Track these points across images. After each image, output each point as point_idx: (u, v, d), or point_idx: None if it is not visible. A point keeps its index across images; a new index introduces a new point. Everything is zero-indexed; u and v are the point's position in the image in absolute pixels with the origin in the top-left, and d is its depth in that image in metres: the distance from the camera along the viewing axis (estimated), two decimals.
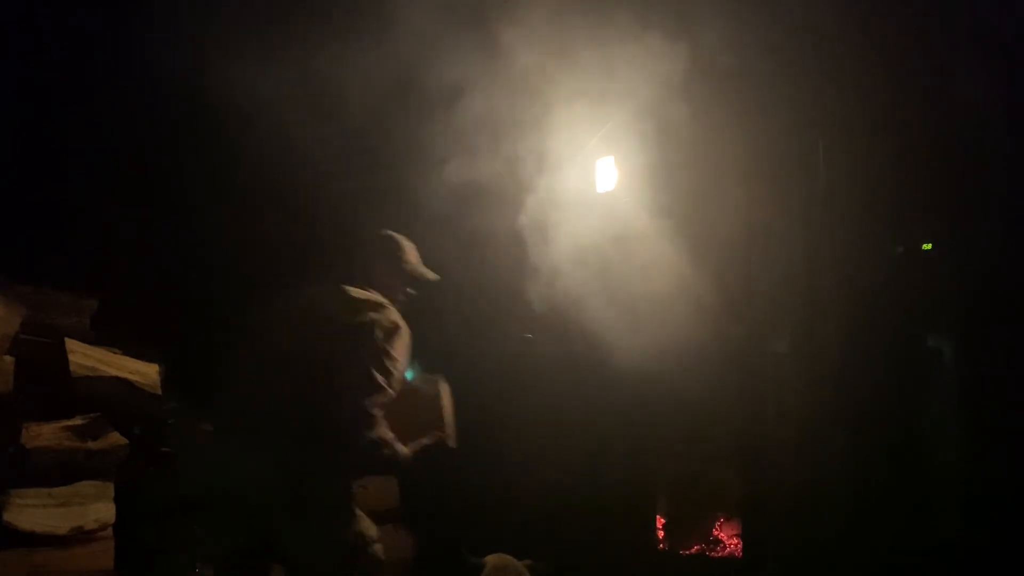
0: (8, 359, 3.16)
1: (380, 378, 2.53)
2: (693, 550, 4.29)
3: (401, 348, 2.63)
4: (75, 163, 3.97)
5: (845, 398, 3.61)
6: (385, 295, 2.76)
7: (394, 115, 3.94)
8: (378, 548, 2.64)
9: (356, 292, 2.71)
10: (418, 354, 2.91)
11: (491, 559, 3.48)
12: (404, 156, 3.99)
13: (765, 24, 3.61)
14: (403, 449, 2.65)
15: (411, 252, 2.96)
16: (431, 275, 2.97)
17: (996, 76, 3.40)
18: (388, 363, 2.57)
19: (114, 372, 3.37)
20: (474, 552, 3.65)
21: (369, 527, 2.65)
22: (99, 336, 3.51)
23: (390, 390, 2.55)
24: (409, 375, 2.84)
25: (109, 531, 3.19)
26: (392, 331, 2.62)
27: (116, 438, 3.26)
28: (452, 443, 2.89)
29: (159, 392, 3.50)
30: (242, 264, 4.15)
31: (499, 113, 3.83)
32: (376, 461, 2.64)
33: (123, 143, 4.05)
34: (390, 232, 2.97)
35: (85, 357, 3.34)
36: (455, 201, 3.94)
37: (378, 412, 2.53)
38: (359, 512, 2.65)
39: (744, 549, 4.04)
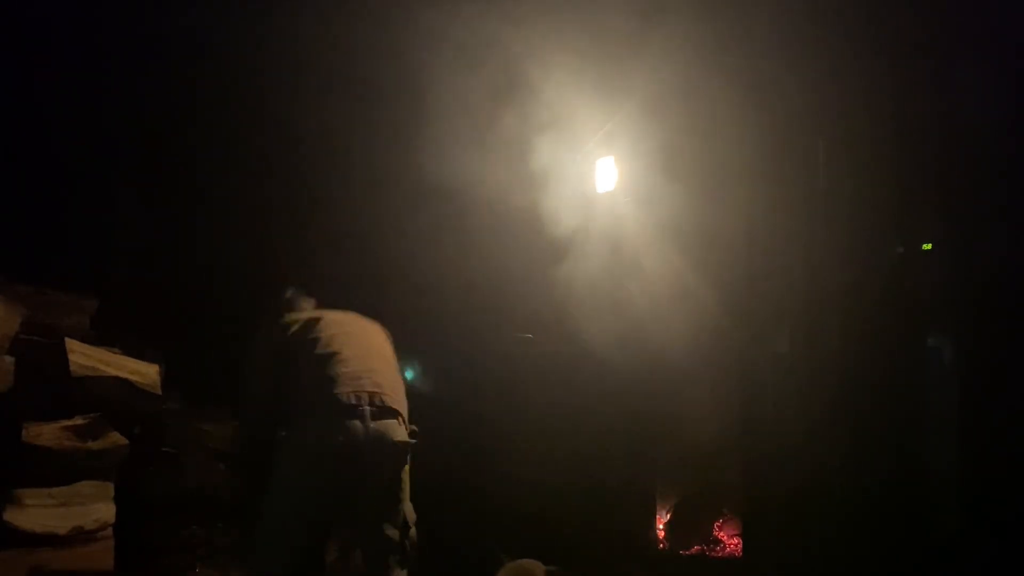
0: (8, 359, 3.16)
1: None
2: (693, 550, 4.29)
3: None
4: (75, 163, 3.97)
5: (845, 398, 3.61)
6: None
7: (394, 115, 3.95)
8: (414, 532, 2.76)
9: None
10: (419, 355, 2.93)
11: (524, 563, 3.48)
12: (404, 156, 3.99)
13: (766, 24, 3.61)
14: None
15: None
16: None
17: (996, 76, 3.40)
18: None
19: (114, 372, 3.37)
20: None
21: (412, 510, 2.78)
22: (99, 336, 3.51)
23: None
24: (409, 375, 2.86)
25: (109, 531, 3.18)
26: None
27: (116, 438, 3.25)
28: None
29: (159, 392, 3.49)
30: (242, 264, 4.15)
31: (499, 113, 3.83)
32: None
33: (123, 144, 4.05)
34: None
35: (85, 357, 3.33)
36: (455, 201, 3.94)
37: None
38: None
39: (744, 549, 4.04)
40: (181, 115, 4.13)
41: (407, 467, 2.77)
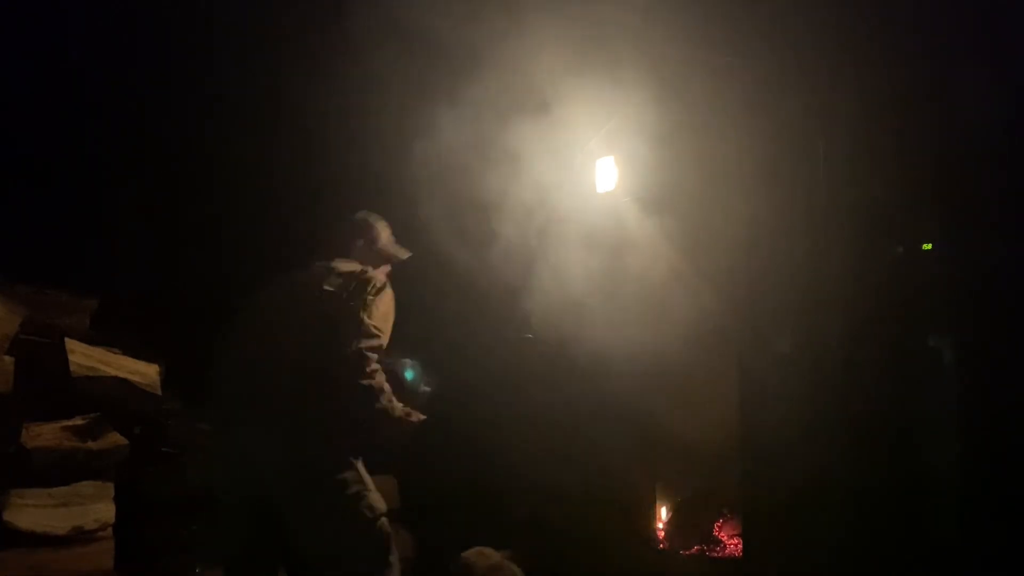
0: (8, 359, 3.16)
1: (371, 325, 2.63)
2: (693, 550, 4.29)
3: (388, 304, 2.76)
4: (75, 163, 3.97)
5: (845, 398, 3.61)
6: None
7: (394, 115, 3.95)
8: (385, 522, 2.68)
9: (341, 264, 2.83)
10: (419, 354, 2.92)
11: (471, 555, 3.45)
12: (404, 156, 3.99)
13: (766, 23, 3.61)
14: (398, 405, 2.69)
15: (384, 232, 3.08)
16: (404, 253, 3.10)
17: (996, 76, 3.40)
18: (377, 315, 2.69)
19: (114, 372, 3.38)
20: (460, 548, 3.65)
21: (378, 500, 2.68)
22: (99, 336, 3.51)
23: (381, 337, 2.66)
24: (409, 375, 2.85)
25: (109, 531, 3.19)
26: (378, 290, 2.74)
27: (116, 438, 3.26)
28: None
29: (159, 392, 3.50)
30: (242, 263, 4.15)
31: (500, 113, 3.83)
32: (374, 418, 2.65)
33: (123, 143, 4.05)
34: (364, 213, 3.09)
35: (85, 357, 3.34)
36: (455, 200, 3.94)
37: (372, 356, 2.61)
38: (370, 485, 2.67)
39: (744, 549, 4.04)
40: (182, 116, 4.14)
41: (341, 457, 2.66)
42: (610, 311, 3.98)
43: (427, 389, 2.90)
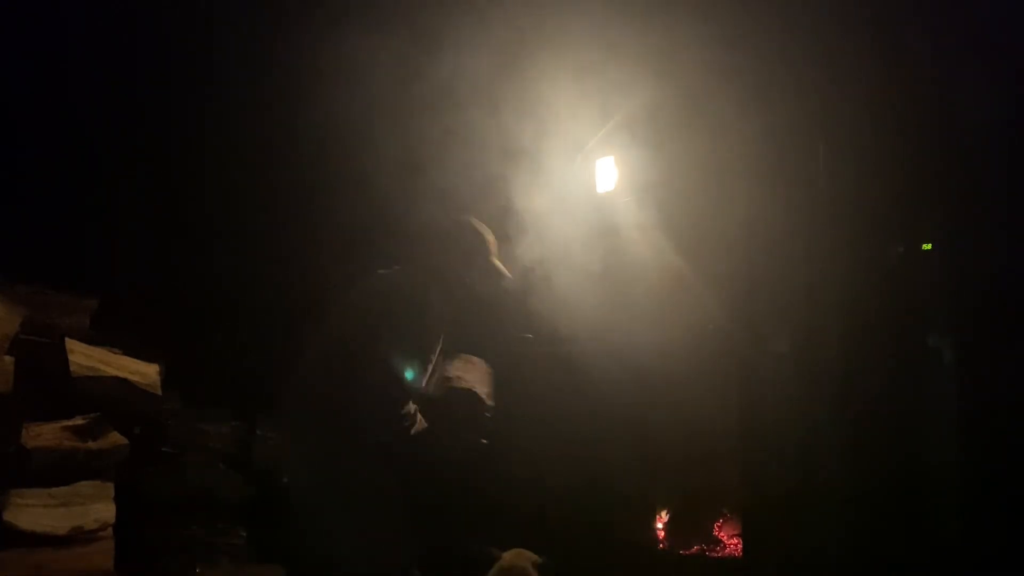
0: (8, 359, 3.16)
1: (405, 354, 2.55)
2: (693, 550, 4.29)
3: (431, 321, 2.64)
4: (75, 163, 3.97)
5: (845, 398, 3.61)
6: (445, 283, 2.72)
7: (394, 115, 3.95)
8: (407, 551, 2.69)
9: (390, 278, 2.75)
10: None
11: (508, 555, 3.46)
12: (402, 156, 3.99)
13: (766, 23, 3.61)
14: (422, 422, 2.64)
15: (493, 244, 2.85)
16: (506, 275, 2.86)
17: (997, 75, 3.39)
18: (415, 339, 2.59)
19: (114, 372, 3.37)
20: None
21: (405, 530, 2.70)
22: (99, 336, 3.51)
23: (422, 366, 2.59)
24: (409, 376, 2.82)
25: (109, 531, 3.19)
26: (418, 310, 2.61)
27: (116, 438, 3.26)
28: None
29: (159, 392, 3.50)
30: (243, 263, 4.15)
31: (500, 113, 3.83)
32: (401, 442, 2.61)
33: (123, 143, 4.05)
34: (472, 222, 2.85)
35: (85, 357, 3.34)
36: (454, 200, 3.94)
37: (406, 415, 2.57)
38: (399, 507, 2.70)
39: (744, 549, 4.04)
40: (182, 115, 4.14)
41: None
42: (610, 310, 3.98)
43: (488, 415, 2.84)
